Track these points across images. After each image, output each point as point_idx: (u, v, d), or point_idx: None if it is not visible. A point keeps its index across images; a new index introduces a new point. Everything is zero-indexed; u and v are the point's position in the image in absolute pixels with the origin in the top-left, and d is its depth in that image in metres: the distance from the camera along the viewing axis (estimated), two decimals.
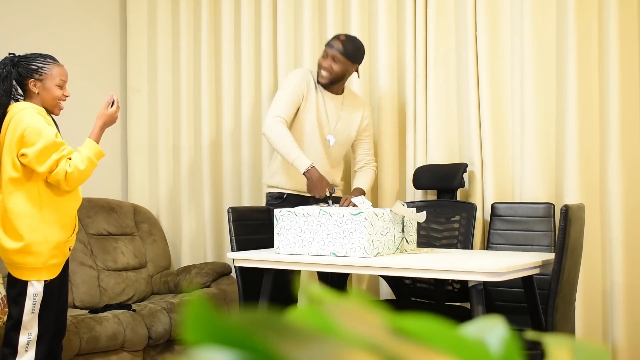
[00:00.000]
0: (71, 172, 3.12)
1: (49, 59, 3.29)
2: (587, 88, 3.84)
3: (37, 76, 3.22)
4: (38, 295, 3.13)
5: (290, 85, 3.80)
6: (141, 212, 4.97)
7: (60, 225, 3.18)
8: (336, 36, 3.87)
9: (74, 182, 3.16)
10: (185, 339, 0.43)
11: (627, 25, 3.81)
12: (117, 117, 3.36)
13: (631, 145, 3.81)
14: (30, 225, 3.11)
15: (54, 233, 3.16)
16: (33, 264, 3.12)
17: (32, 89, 3.21)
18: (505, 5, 4.05)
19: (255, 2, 4.81)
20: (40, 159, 3.09)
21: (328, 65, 3.79)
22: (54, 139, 3.11)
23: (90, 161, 3.18)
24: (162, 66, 5.15)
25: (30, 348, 3.14)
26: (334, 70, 3.80)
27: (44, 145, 3.09)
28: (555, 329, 3.02)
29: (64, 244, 3.21)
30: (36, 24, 4.78)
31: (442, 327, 0.47)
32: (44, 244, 3.13)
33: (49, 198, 3.16)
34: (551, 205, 3.78)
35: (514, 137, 4.03)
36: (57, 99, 3.25)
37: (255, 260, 3.40)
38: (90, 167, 3.19)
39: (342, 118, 3.90)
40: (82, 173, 3.16)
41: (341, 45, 3.78)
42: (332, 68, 3.80)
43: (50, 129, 3.14)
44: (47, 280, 3.16)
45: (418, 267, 3.06)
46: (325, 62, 3.80)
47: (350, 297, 0.49)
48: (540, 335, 0.57)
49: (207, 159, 4.97)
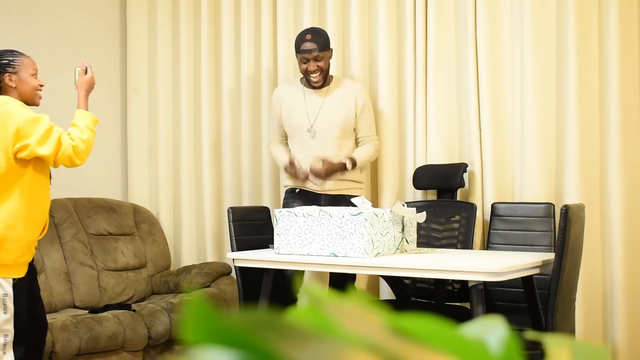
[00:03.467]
0: (76, 144, 3.13)
1: (16, 52, 3.31)
2: (587, 88, 3.84)
3: (10, 70, 3.22)
4: (8, 295, 3.10)
5: (270, 113, 4.27)
6: (141, 212, 4.97)
7: (33, 224, 3.17)
8: (302, 39, 3.93)
9: (84, 154, 3.17)
10: (185, 339, 0.43)
11: (627, 25, 3.81)
12: (94, 81, 3.39)
13: (631, 145, 3.81)
14: (7, 221, 3.09)
15: (27, 231, 3.14)
16: (3, 260, 3.09)
17: (8, 83, 3.21)
18: (505, 6, 4.05)
19: (255, 2, 4.81)
20: (42, 143, 3.08)
21: (315, 67, 3.90)
22: (49, 123, 3.12)
23: (89, 129, 3.20)
24: (162, 66, 5.14)
25: (7, 350, 3.11)
26: (323, 67, 3.92)
27: (44, 130, 3.09)
28: (555, 329, 3.02)
29: (33, 242, 3.20)
30: (36, 23, 4.78)
31: (442, 327, 0.47)
32: (16, 242, 3.10)
33: (28, 196, 3.13)
34: (551, 205, 3.78)
35: (514, 137, 4.03)
36: (35, 89, 3.26)
37: (255, 260, 3.40)
38: (92, 135, 3.21)
39: (325, 108, 4.00)
40: (87, 142, 3.17)
41: (313, 43, 3.88)
42: (320, 67, 3.91)
43: (41, 114, 3.14)
44: (15, 279, 3.15)
45: (418, 267, 3.06)
46: (310, 65, 3.91)
47: (350, 297, 0.49)
48: (540, 335, 0.57)
49: (207, 159, 4.97)
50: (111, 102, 5.21)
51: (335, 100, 4.02)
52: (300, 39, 3.93)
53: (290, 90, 4.11)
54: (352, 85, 4.10)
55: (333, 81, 4.07)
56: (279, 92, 4.16)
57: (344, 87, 4.06)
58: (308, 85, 4.04)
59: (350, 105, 4.00)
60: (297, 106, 4.05)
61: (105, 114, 5.18)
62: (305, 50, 3.88)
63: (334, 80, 4.08)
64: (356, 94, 4.02)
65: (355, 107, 4.01)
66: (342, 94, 4.03)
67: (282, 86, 4.22)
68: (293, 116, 4.06)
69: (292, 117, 4.06)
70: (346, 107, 4.01)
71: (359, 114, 4.02)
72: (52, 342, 3.76)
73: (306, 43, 3.88)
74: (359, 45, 4.41)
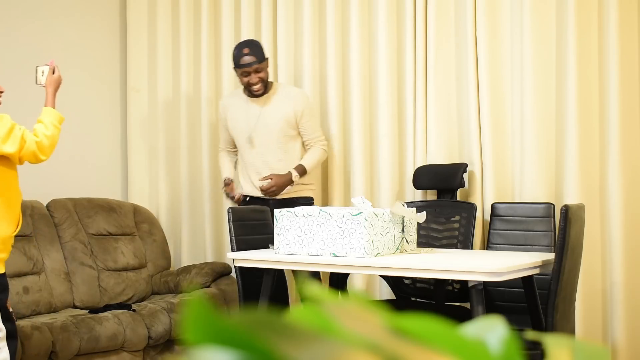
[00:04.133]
0: (40, 140, 3.17)
1: None
2: (587, 88, 3.84)
3: None
4: None
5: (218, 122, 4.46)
6: (141, 212, 4.97)
7: (7, 220, 3.18)
8: (239, 54, 4.02)
9: (48, 149, 3.21)
10: (185, 339, 0.43)
11: (627, 25, 3.81)
12: (61, 80, 3.46)
13: (631, 145, 3.81)
14: None
15: (1, 228, 3.15)
16: None
17: None
18: (505, 6, 4.05)
19: (255, 2, 4.81)
20: (6, 141, 3.10)
21: (257, 79, 4.02)
22: (11, 121, 3.14)
23: (54, 126, 3.25)
24: (162, 66, 5.14)
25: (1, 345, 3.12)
26: (263, 78, 4.05)
27: (7, 128, 3.12)
28: (555, 329, 3.02)
29: (9, 238, 3.20)
30: (36, 23, 4.78)
31: (442, 327, 0.47)
32: None
33: None
34: (551, 205, 3.78)
35: (514, 137, 4.03)
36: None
37: (255, 260, 3.40)
38: (56, 132, 3.25)
39: (264, 115, 4.11)
40: (51, 138, 3.21)
41: (252, 56, 4.00)
42: (260, 78, 4.03)
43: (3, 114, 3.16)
44: None
45: (418, 267, 3.06)
46: (252, 78, 4.02)
47: (350, 297, 0.49)
48: (540, 335, 0.57)
49: (206, 159, 4.97)
50: (111, 102, 5.20)
51: (273, 107, 4.12)
52: (238, 54, 4.02)
53: (233, 102, 4.25)
54: (290, 90, 4.21)
55: (273, 88, 4.16)
56: (223, 104, 4.33)
57: (283, 93, 4.15)
58: (250, 95, 4.14)
59: (289, 110, 4.09)
60: (238, 117, 4.19)
61: (105, 114, 5.19)
62: (245, 64, 3.98)
63: (274, 87, 4.17)
64: (294, 100, 4.11)
65: (295, 113, 4.09)
66: (281, 101, 4.13)
67: (225, 98, 4.39)
68: (235, 126, 4.22)
69: (234, 127, 4.22)
70: (284, 112, 4.10)
71: (299, 118, 4.11)
72: (52, 342, 3.76)
73: (245, 57, 3.99)
74: (359, 45, 4.41)
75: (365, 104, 4.42)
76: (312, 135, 4.16)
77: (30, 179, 4.40)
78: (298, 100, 4.12)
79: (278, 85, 4.22)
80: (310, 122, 4.15)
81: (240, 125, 4.18)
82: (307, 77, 4.55)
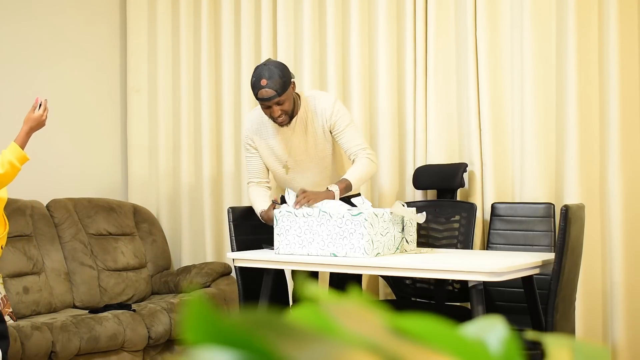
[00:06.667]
0: None
1: None
2: (587, 88, 3.84)
3: None
4: None
5: (245, 152, 3.89)
6: (141, 212, 4.97)
7: None
8: (256, 83, 3.48)
9: None
10: (185, 339, 0.42)
11: (627, 25, 3.81)
12: (44, 120, 3.23)
13: (631, 145, 3.81)
14: None
15: None
16: None
17: None
18: (505, 5, 4.05)
19: (255, 2, 4.81)
20: None
21: (279, 112, 3.53)
22: None
23: (11, 165, 3.10)
24: (162, 66, 5.15)
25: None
26: (287, 110, 3.56)
27: None
28: (555, 329, 3.02)
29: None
30: (36, 24, 4.78)
31: (442, 327, 0.47)
32: None
33: None
34: (551, 205, 3.78)
35: (514, 137, 4.03)
36: None
37: (255, 260, 3.40)
38: (12, 170, 3.11)
39: (294, 139, 3.69)
40: (2, 177, 3.10)
41: (271, 89, 3.46)
42: (283, 111, 3.54)
43: None
44: None
45: (418, 267, 3.06)
46: (274, 111, 3.52)
47: (350, 297, 0.49)
48: (540, 335, 0.57)
49: (207, 158, 4.97)
50: (111, 102, 5.21)
51: (302, 129, 3.69)
52: (256, 84, 3.48)
53: (260, 131, 3.76)
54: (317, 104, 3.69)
55: (302, 105, 3.67)
56: (249, 135, 3.81)
57: (311, 110, 3.68)
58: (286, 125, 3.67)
59: (318, 127, 3.67)
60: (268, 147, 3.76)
61: (105, 114, 5.19)
62: (264, 99, 3.48)
63: (302, 103, 3.67)
64: (322, 117, 3.66)
65: (323, 128, 3.66)
66: (310, 119, 3.68)
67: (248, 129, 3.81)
68: (267, 157, 3.78)
69: (266, 158, 3.79)
70: (315, 132, 3.68)
71: (333, 131, 3.66)
72: (52, 342, 3.76)
73: (262, 90, 3.46)
74: (359, 45, 4.41)
75: (365, 103, 4.42)
76: (352, 144, 3.64)
77: (30, 179, 4.40)
78: (325, 112, 3.65)
79: (305, 99, 3.69)
80: (345, 131, 3.64)
81: (274, 154, 3.74)
82: (307, 77, 4.55)
